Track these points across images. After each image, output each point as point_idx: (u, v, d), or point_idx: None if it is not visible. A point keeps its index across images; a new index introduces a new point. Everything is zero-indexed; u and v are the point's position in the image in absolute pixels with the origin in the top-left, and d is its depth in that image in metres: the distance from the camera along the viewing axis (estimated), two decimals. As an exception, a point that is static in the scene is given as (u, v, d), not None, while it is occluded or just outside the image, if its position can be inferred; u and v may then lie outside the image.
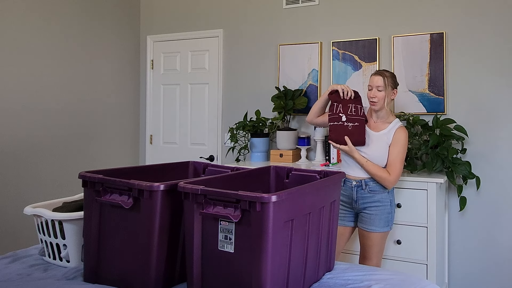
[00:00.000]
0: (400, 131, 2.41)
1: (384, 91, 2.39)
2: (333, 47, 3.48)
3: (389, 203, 2.42)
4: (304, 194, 1.45)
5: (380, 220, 2.40)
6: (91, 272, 1.56)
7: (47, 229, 1.74)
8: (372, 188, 2.40)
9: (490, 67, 3.00)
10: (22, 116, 3.26)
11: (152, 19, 4.32)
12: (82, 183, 1.57)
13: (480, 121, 3.03)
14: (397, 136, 2.39)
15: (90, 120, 3.84)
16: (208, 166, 1.99)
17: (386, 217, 2.41)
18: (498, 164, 2.97)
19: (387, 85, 2.39)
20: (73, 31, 3.68)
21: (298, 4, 3.64)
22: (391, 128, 2.43)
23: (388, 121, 2.46)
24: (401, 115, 3.12)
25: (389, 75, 2.43)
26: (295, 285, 1.44)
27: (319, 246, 1.60)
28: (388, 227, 2.42)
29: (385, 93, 2.39)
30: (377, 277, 1.61)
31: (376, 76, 2.42)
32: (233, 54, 3.92)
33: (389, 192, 2.43)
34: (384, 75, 2.40)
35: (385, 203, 2.41)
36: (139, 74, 4.39)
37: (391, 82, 2.42)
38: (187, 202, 1.40)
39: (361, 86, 3.37)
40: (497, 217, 2.97)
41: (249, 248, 1.30)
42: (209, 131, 4.04)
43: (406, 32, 3.25)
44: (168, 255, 1.49)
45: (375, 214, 2.40)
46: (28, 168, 3.32)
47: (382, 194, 2.41)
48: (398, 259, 2.74)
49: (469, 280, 3.05)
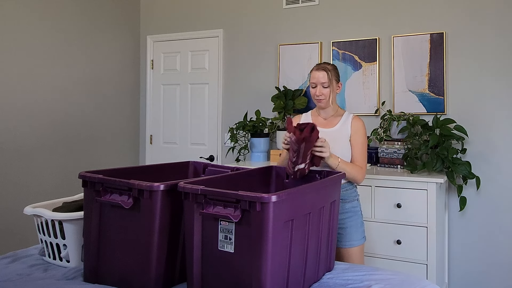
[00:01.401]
0: (357, 120, 2.22)
1: (329, 86, 2.18)
2: (333, 47, 3.48)
3: (359, 211, 2.25)
4: (304, 194, 1.45)
5: (356, 232, 2.20)
6: (91, 272, 1.56)
7: (47, 229, 1.74)
8: (341, 197, 2.17)
9: (490, 67, 3.00)
10: (22, 116, 3.26)
11: (152, 19, 4.32)
12: (82, 183, 1.57)
13: (480, 121, 3.02)
14: (355, 126, 2.20)
15: (90, 120, 3.84)
16: (208, 166, 1.99)
17: (361, 227, 2.23)
18: (498, 164, 2.97)
19: (331, 80, 2.18)
20: (73, 31, 3.68)
21: (298, 4, 3.64)
22: (345, 120, 2.24)
23: (338, 114, 2.27)
24: (401, 115, 3.12)
25: (332, 68, 2.22)
26: (295, 285, 1.44)
27: (319, 246, 1.60)
28: (364, 238, 2.25)
29: (330, 89, 2.18)
30: (377, 277, 1.61)
31: (318, 71, 2.19)
32: (233, 54, 3.92)
33: (357, 199, 2.26)
34: (327, 69, 2.19)
35: (357, 212, 2.23)
36: (139, 74, 4.39)
37: (335, 75, 2.22)
38: (187, 202, 1.40)
39: (361, 86, 3.37)
40: (497, 217, 2.97)
41: (249, 248, 1.29)
42: (209, 131, 4.04)
43: (406, 32, 3.25)
44: (168, 255, 1.48)
45: (349, 226, 2.20)
46: (28, 168, 3.32)
47: (352, 203, 2.22)
48: (398, 259, 2.73)
49: (469, 280, 3.05)
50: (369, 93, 3.35)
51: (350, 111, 3.35)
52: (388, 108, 3.29)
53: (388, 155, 3.10)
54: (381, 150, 3.13)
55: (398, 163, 3.07)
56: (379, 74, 3.33)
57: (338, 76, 2.25)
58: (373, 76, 3.34)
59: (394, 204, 2.74)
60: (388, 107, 3.29)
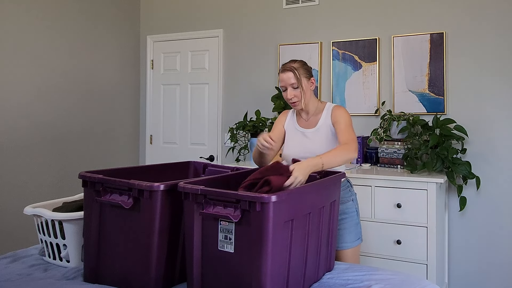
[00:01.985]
0: (336, 109, 2.09)
1: (299, 87, 2.03)
2: (333, 47, 3.47)
3: (355, 212, 2.15)
4: (304, 194, 1.45)
5: (350, 234, 2.11)
6: (91, 272, 1.56)
7: (47, 229, 1.74)
8: None
9: (490, 67, 3.00)
10: (22, 116, 3.26)
11: (152, 19, 4.32)
12: (82, 183, 1.57)
13: (480, 121, 3.02)
14: (335, 114, 2.07)
15: (90, 120, 3.84)
16: (208, 166, 1.99)
17: (356, 228, 2.14)
18: (498, 164, 2.97)
19: (300, 79, 2.02)
20: (73, 31, 3.68)
21: (298, 4, 3.64)
22: (326, 114, 2.11)
23: (319, 110, 2.14)
24: (401, 115, 3.12)
25: (299, 65, 2.06)
26: (295, 285, 1.44)
27: (319, 246, 1.60)
28: (359, 239, 2.15)
29: (300, 88, 2.03)
30: (377, 277, 1.61)
31: (284, 73, 2.04)
32: (233, 54, 3.92)
33: (353, 200, 2.16)
34: (293, 68, 2.03)
35: (352, 214, 2.13)
36: (139, 74, 4.39)
37: (304, 72, 2.06)
38: (187, 202, 1.40)
39: (361, 86, 3.37)
40: (497, 217, 2.97)
41: (249, 248, 1.29)
42: (209, 131, 4.03)
43: (406, 32, 3.25)
44: (168, 255, 1.48)
45: (343, 228, 2.10)
46: (28, 168, 3.32)
47: (346, 204, 2.13)
48: (398, 259, 2.73)
49: (469, 280, 3.05)
50: (369, 93, 3.35)
51: (350, 111, 3.35)
52: (388, 108, 3.29)
53: (388, 155, 3.10)
54: (381, 150, 3.13)
55: (398, 163, 3.07)
56: (379, 74, 3.33)
57: (308, 72, 2.08)
58: (373, 76, 3.34)
59: (394, 204, 2.74)
60: (388, 107, 3.29)
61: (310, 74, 2.11)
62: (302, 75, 2.04)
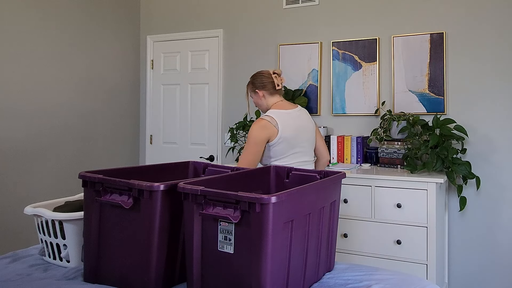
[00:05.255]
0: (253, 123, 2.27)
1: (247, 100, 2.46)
2: (333, 47, 3.48)
3: None
4: (304, 195, 1.45)
5: None
6: (91, 272, 1.56)
7: (47, 229, 1.74)
8: None
9: (490, 67, 3.00)
10: (22, 116, 3.26)
11: (152, 19, 4.32)
12: (82, 183, 1.57)
13: (480, 121, 3.03)
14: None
15: (90, 120, 3.84)
16: (208, 166, 1.99)
17: None
18: (498, 164, 2.97)
19: (248, 93, 2.40)
20: (73, 31, 3.68)
21: (298, 4, 3.64)
22: None
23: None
24: (401, 115, 3.12)
25: (249, 81, 2.37)
26: (295, 285, 1.44)
27: (319, 246, 1.60)
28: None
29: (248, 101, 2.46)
30: (377, 277, 1.61)
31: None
32: (233, 54, 3.92)
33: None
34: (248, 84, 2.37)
35: None
36: (139, 74, 4.39)
37: (251, 87, 2.36)
38: (187, 202, 1.40)
39: (361, 86, 3.37)
40: (497, 217, 2.97)
41: (249, 249, 1.29)
42: (209, 131, 4.04)
43: (406, 32, 3.25)
44: (168, 255, 1.49)
45: None
46: (28, 168, 3.32)
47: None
48: (398, 259, 2.74)
49: (469, 280, 3.05)
50: (369, 93, 3.35)
51: (350, 111, 3.36)
52: (388, 108, 3.29)
53: (388, 155, 3.10)
54: (381, 150, 3.13)
55: (398, 163, 3.07)
56: (379, 74, 3.33)
57: (254, 85, 2.34)
58: (373, 76, 3.34)
59: (394, 204, 2.75)
60: (388, 107, 3.30)
61: (256, 86, 2.34)
62: (250, 89, 2.38)
